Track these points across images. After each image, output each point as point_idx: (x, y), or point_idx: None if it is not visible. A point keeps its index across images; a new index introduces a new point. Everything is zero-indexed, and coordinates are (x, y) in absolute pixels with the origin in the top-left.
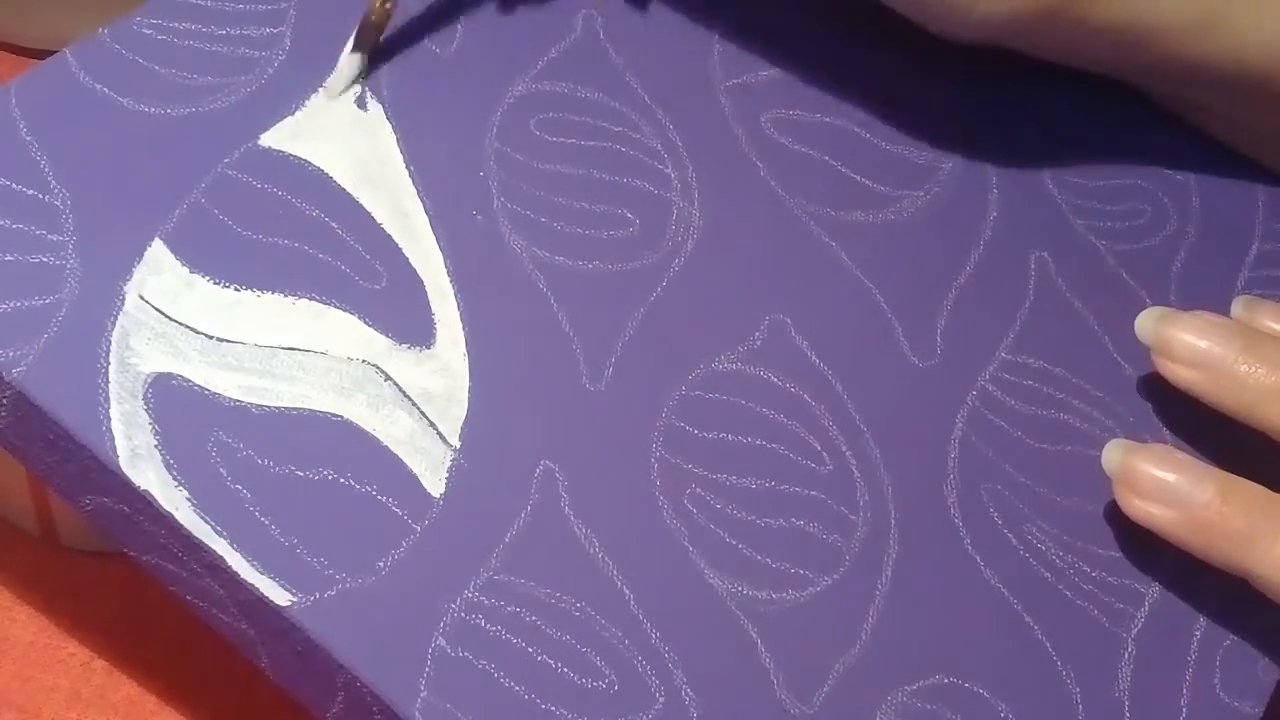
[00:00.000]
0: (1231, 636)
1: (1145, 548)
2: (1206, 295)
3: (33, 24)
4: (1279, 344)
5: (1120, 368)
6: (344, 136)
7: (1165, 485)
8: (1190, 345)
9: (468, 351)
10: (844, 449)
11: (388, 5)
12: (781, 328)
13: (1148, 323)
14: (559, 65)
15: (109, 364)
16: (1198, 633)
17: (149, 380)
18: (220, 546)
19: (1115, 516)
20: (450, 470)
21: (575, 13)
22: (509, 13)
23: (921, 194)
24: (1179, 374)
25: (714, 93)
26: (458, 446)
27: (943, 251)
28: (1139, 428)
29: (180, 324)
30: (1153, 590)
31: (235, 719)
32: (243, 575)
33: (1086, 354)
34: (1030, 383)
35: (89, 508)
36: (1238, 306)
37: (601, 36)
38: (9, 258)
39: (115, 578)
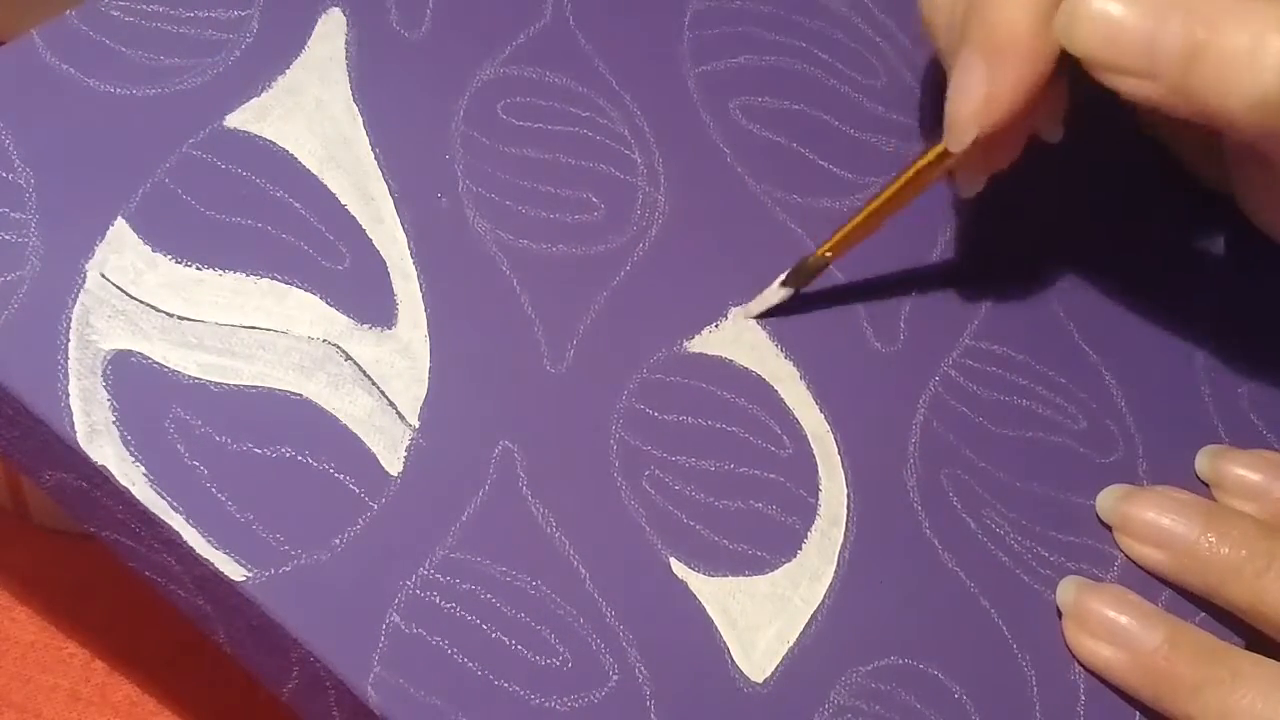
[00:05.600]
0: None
1: (1102, 534)
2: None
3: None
4: (1242, 518)
5: (1085, 354)
6: (310, 118)
7: (1116, 626)
8: (1152, 524)
9: (429, 332)
10: (804, 432)
11: (828, 255)
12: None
13: (1108, 501)
14: (527, 50)
15: (69, 341)
16: None
17: (108, 357)
18: (176, 522)
19: (1072, 502)
20: (409, 449)
21: None
22: None
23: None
24: (1143, 554)
25: (682, 79)
26: (416, 426)
27: (908, 238)
28: (1101, 414)
29: (141, 302)
30: (1109, 574)
31: (235, 719)
32: (198, 550)
33: (1051, 341)
34: (993, 369)
35: (49, 483)
36: (1204, 457)
37: (571, 22)
38: None
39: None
